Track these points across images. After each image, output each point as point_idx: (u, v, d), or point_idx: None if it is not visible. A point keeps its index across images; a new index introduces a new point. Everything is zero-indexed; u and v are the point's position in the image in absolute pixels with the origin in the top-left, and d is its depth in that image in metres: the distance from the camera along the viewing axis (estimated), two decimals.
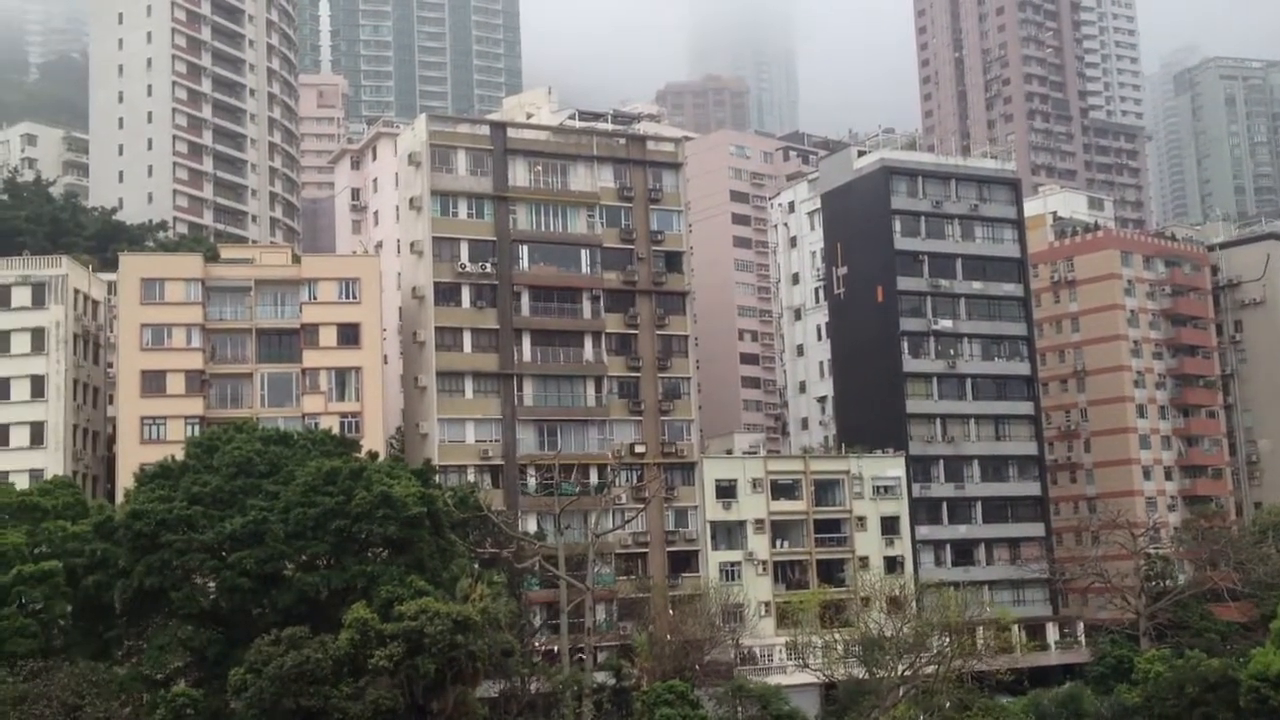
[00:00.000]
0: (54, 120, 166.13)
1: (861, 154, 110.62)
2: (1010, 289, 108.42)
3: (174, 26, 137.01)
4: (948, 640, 78.94)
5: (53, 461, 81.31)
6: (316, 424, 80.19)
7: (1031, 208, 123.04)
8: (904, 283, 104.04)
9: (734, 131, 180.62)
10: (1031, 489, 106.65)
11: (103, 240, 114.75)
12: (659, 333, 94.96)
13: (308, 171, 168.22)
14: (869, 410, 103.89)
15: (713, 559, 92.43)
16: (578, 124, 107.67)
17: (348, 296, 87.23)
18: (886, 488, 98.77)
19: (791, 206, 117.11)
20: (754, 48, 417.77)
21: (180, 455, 68.36)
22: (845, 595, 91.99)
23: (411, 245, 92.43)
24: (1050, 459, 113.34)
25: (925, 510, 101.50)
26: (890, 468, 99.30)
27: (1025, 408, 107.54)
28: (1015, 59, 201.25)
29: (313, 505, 62.68)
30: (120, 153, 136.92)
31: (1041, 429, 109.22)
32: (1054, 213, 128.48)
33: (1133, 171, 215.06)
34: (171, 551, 61.07)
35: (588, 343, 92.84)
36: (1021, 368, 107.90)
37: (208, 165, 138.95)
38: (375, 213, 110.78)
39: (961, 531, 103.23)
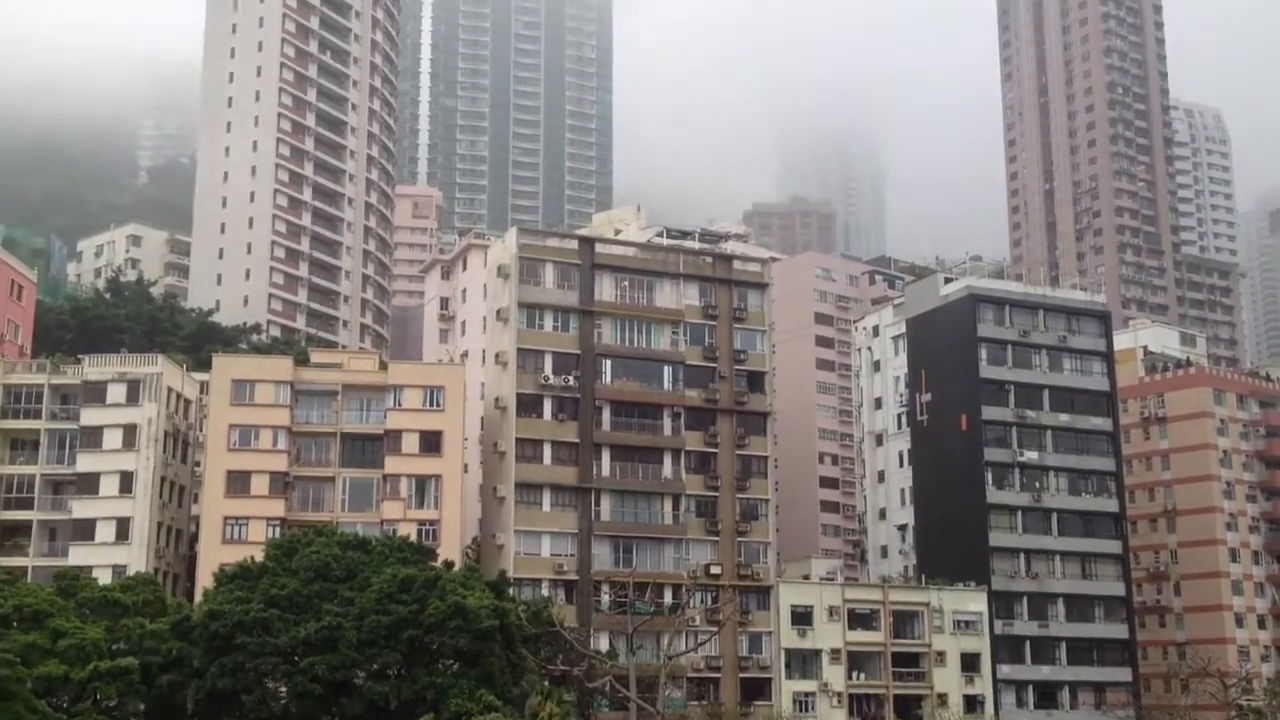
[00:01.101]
0: (159, 222, 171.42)
1: (948, 280, 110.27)
2: (1099, 423, 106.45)
3: (279, 137, 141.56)
4: None
5: (136, 558, 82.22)
6: (395, 530, 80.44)
7: (1121, 341, 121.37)
8: (989, 412, 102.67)
9: (820, 254, 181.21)
10: (1118, 631, 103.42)
11: (198, 340, 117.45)
12: (739, 452, 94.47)
13: (399, 280, 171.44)
14: (951, 541, 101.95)
15: (786, 688, 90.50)
16: (665, 241, 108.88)
17: (432, 404, 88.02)
18: (967, 623, 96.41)
19: (876, 330, 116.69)
20: (843, 171, 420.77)
21: (260, 556, 68.87)
22: None
23: (496, 356, 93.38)
24: (1138, 601, 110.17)
25: (1007, 648, 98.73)
26: (972, 602, 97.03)
27: (1113, 546, 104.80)
28: (1107, 192, 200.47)
29: (386, 613, 62.68)
30: (220, 256, 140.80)
31: (1129, 569, 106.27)
32: (1145, 347, 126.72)
33: (1226, 308, 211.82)
34: (246, 654, 61.29)
35: (667, 460, 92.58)
36: (1109, 504, 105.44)
37: (303, 271, 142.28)
38: (463, 322, 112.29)
39: (1045, 672, 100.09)
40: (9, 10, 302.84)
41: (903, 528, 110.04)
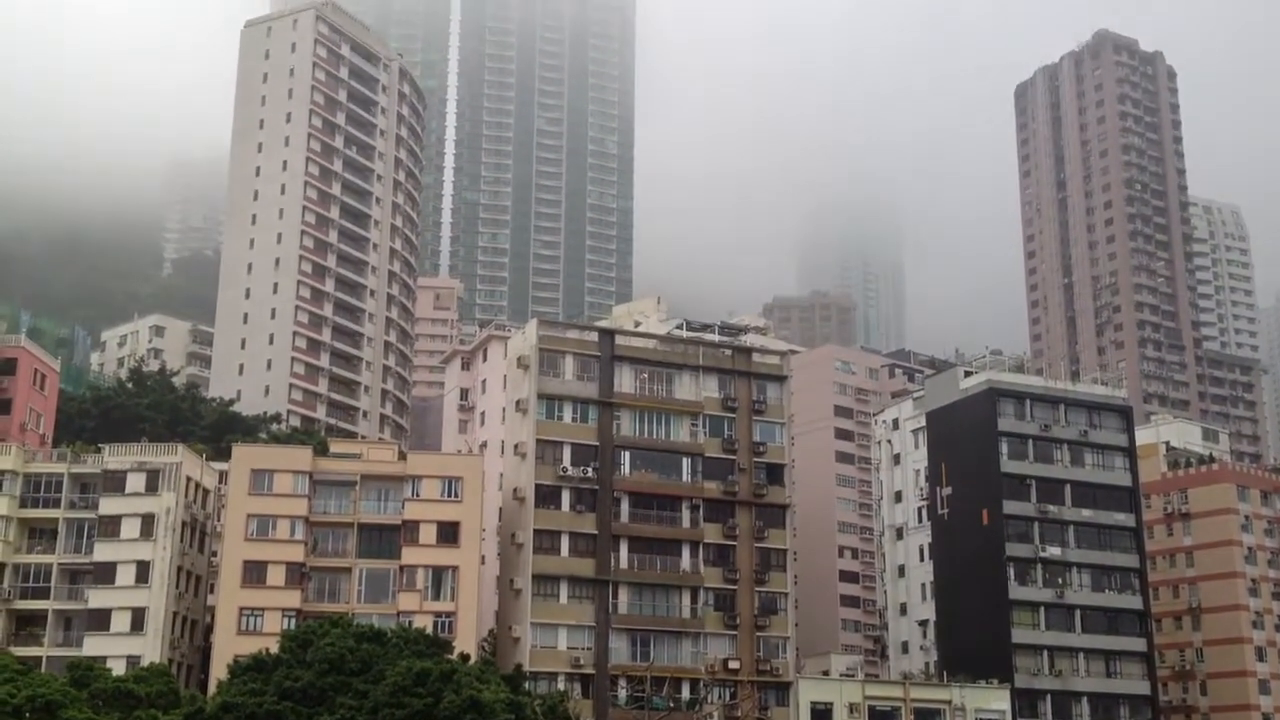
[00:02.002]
0: (183, 313, 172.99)
1: (968, 374, 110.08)
2: (1121, 518, 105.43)
3: (303, 229, 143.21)
4: None
5: (150, 648, 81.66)
6: (410, 622, 79.82)
7: (1143, 436, 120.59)
8: (1010, 506, 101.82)
9: (840, 347, 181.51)
10: None
11: (218, 430, 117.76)
12: (758, 545, 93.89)
13: (419, 370, 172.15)
14: (973, 637, 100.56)
15: None
16: (685, 334, 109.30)
17: (450, 495, 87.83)
18: None
19: (896, 424, 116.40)
20: (862, 265, 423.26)
21: (275, 648, 68.41)
22: None
23: (515, 447, 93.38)
24: (1164, 700, 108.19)
25: None
26: (994, 700, 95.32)
27: (1137, 644, 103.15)
28: (1126, 287, 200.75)
29: (401, 707, 62.10)
30: (242, 346, 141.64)
31: (1155, 667, 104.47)
32: (1167, 443, 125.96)
33: (1248, 404, 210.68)
34: None
35: (685, 552, 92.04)
36: (1133, 601, 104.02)
37: (324, 361, 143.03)
38: (482, 413, 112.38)
39: None
40: (40, 103, 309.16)
41: (924, 623, 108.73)
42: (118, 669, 75.30)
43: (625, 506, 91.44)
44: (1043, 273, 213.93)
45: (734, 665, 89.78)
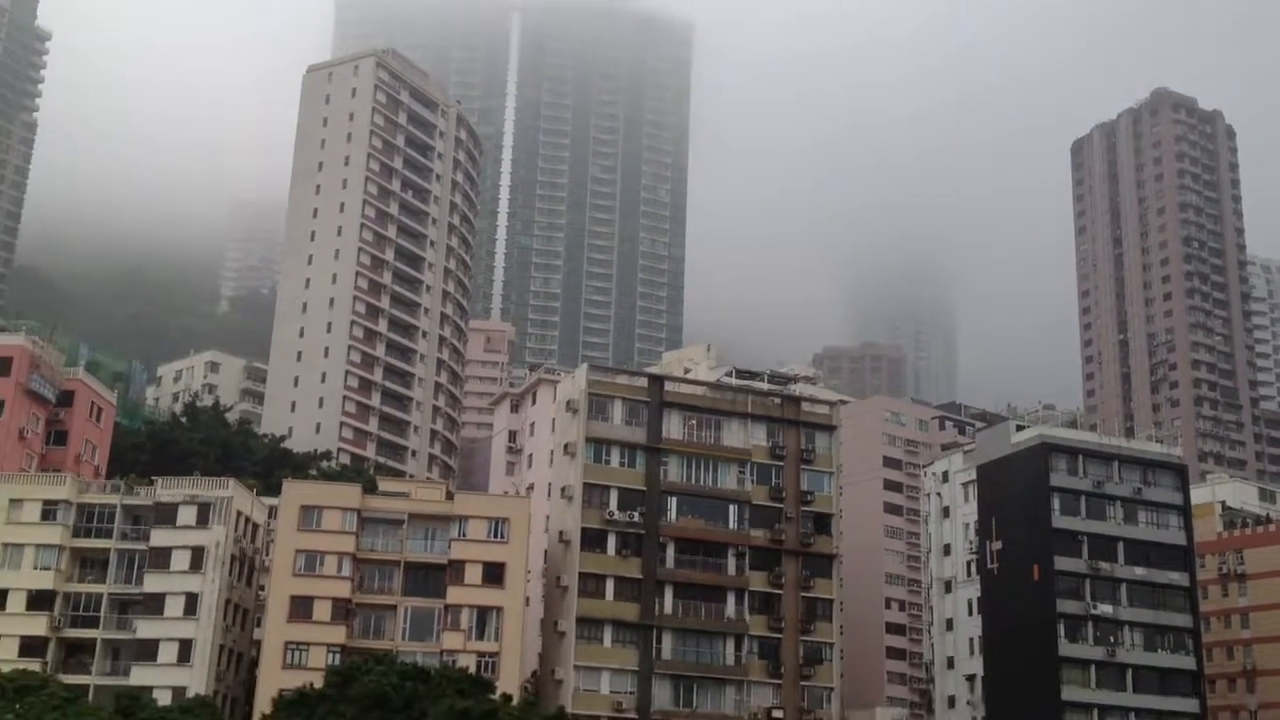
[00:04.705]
0: (238, 350, 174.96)
1: (1020, 428, 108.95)
2: (1175, 577, 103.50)
3: (358, 270, 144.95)
4: None
5: (196, 680, 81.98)
6: (454, 661, 79.94)
7: (1199, 495, 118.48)
8: (1062, 563, 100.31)
9: (890, 398, 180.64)
10: None
11: (269, 466, 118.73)
12: (803, 594, 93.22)
13: (468, 411, 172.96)
14: (1021, 694, 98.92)
15: None
16: (734, 381, 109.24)
17: (496, 536, 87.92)
18: None
19: (945, 476, 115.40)
20: (914, 317, 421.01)
21: (320, 683, 68.59)
22: None
23: (563, 490, 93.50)
24: None
25: None
26: None
27: (1190, 705, 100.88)
28: (1182, 345, 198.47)
29: None
30: (295, 384, 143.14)
31: None
32: (1223, 502, 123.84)
33: None
34: None
35: (730, 599, 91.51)
36: (1186, 662, 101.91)
37: (375, 400, 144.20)
38: (530, 456, 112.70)
39: None
40: (107, 145, 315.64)
41: (971, 678, 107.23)
42: (163, 700, 75.79)
43: (671, 552, 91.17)
44: (1097, 329, 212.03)
45: (777, 714, 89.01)
